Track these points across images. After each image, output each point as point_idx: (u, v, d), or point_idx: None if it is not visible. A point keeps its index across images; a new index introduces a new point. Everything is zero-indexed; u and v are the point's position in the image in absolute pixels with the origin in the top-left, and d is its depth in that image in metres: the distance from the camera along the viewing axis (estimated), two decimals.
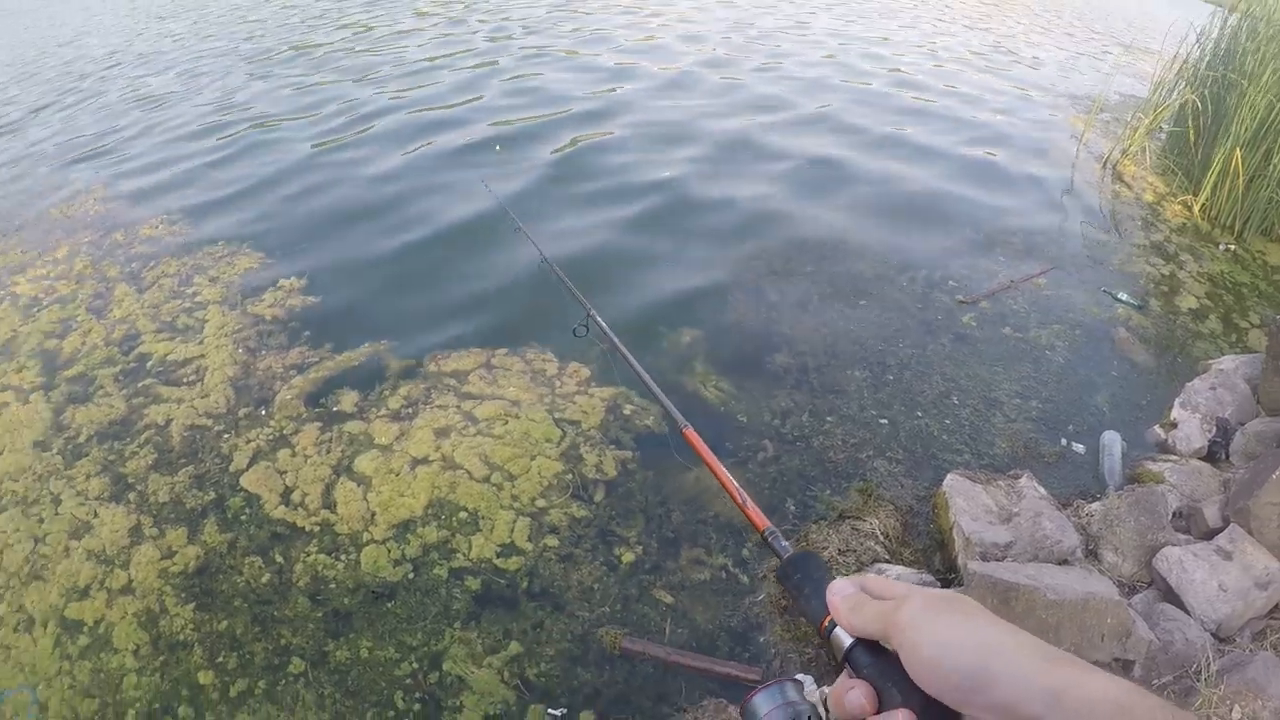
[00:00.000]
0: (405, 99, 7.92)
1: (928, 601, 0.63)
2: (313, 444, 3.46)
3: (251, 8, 14.62)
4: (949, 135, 7.32)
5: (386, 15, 12.51)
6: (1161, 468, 3.37)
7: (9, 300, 4.84)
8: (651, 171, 6.10)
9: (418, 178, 6.04)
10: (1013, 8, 17.59)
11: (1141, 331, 4.47)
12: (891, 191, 5.98)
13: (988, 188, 6.22)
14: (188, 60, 10.88)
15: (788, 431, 3.54)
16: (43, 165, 7.47)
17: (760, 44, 10.67)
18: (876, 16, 13.75)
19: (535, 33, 10.81)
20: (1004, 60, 11.41)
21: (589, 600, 2.77)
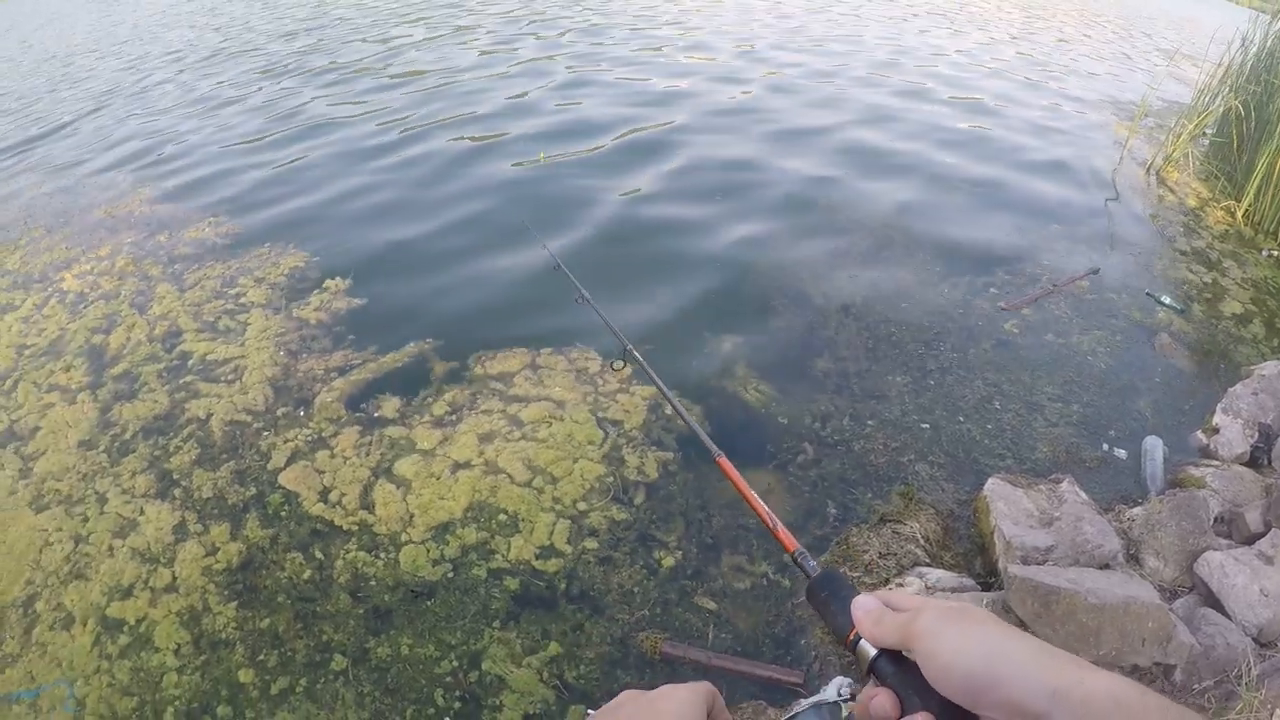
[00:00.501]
0: (453, 104, 8.03)
1: (942, 612, 0.67)
2: (352, 446, 3.48)
3: (304, 17, 14.82)
4: (991, 143, 7.31)
5: (435, 23, 12.66)
6: (1203, 473, 3.33)
7: (56, 296, 4.94)
8: (697, 175, 6.15)
9: (466, 183, 6.10)
10: (1056, 16, 17.46)
11: (1184, 336, 4.40)
12: (934, 198, 5.97)
13: (1031, 194, 6.19)
14: (239, 66, 11.08)
15: (829, 435, 3.52)
16: (92, 165, 7.65)
17: (811, 49, 10.74)
18: (921, 28, 13.71)
19: (587, 36, 10.92)
20: (1048, 67, 11.38)
21: (629, 604, 2.76)
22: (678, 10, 13.18)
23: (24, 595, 2.98)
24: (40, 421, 3.88)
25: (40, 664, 2.72)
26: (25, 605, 2.94)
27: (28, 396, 4.07)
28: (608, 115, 7.38)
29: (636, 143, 6.74)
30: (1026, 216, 5.75)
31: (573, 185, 5.88)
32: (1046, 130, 7.92)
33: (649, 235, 5.24)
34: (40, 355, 4.39)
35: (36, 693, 2.64)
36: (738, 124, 7.25)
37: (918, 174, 6.39)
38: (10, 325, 4.73)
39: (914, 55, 11.02)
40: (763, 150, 6.68)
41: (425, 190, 6.00)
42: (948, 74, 10.07)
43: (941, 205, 5.85)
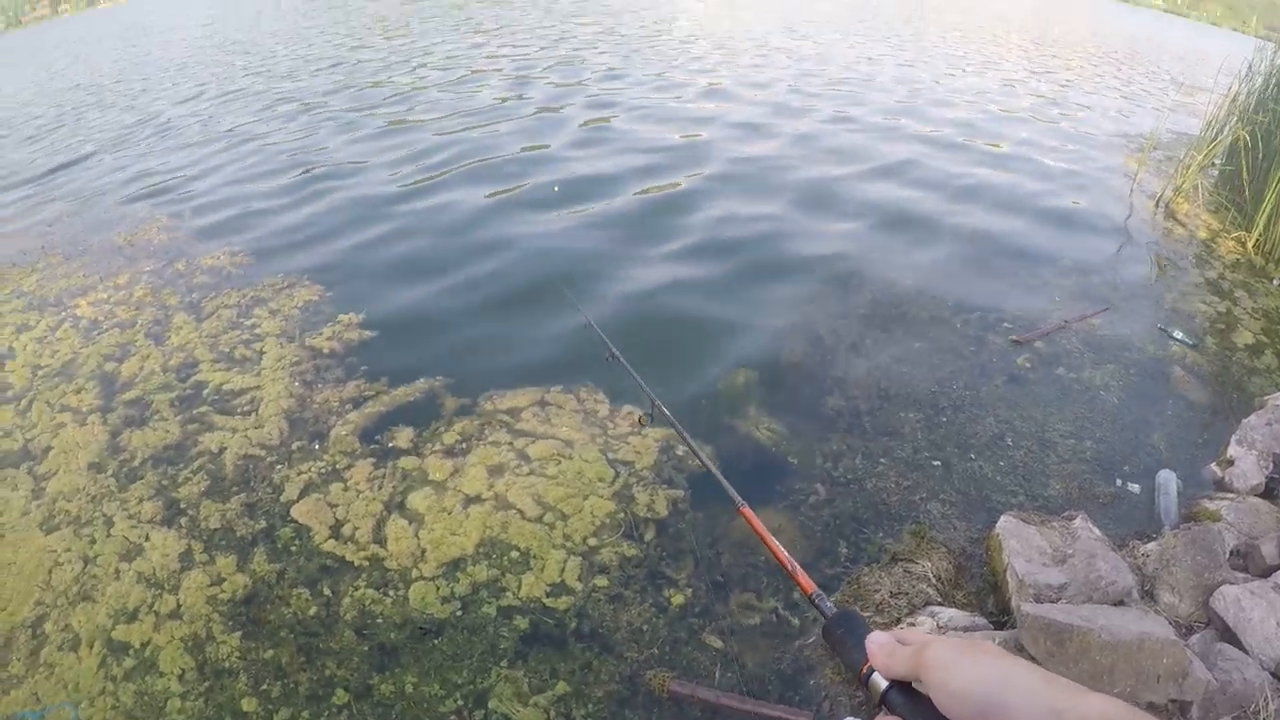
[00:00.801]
0: (470, 142, 8.17)
1: (952, 643, 0.72)
2: (365, 479, 3.49)
3: (324, 56, 15.05)
4: (1001, 178, 7.37)
5: (454, 62, 12.84)
6: (1219, 505, 3.30)
7: (70, 322, 4.98)
8: (708, 217, 6.18)
9: (481, 220, 6.17)
10: (1065, 52, 17.58)
11: (1197, 369, 4.38)
12: (944, 234, 6.00)
13: (1041, 229, 6.22)
14: (261, 103, 11.27)
15: (840, 474, 3.51)
16: (112, 193, 7.77)
17: (829, 90, 10.88)
18: (934, 62, 13.87)
19: (608, 79, 11.05)
20: (1057, 102, 11.51)
21: (638, 641, 2.74)
22: (694, 56, 13.35)
23: (33, 616, 2.98)
24: (52, 441, 3.90)
25: (46, 685, 2.71)
26: (34, 626, 2.94)
27: (41, 416, 4.09)
28: (624, 162, 7.44)
29: (652, 190, 6.78)
30: (1037, 252, 5.76)
31: (591, 234, 5.88)
32: (1056, 165, 7.96)
33: (663, 282, 5.24)
34: (54, 376, 4.41)
35: (41, 714, 2.63)
36: (753, 172, 7.29)
37: (928, 210, 6.44)
38: (25, 345, 4.76)
39: (926, 93, 11.16)
40: (777, 197, 6.71)
41: (439, 229, 6.07)
42: (959, 112, 10.21)
43: (953, 241, 5.87)
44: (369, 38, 17.02)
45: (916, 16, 22.31)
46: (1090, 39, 22.35)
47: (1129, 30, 28.03)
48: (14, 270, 5.95)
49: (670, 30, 16.27)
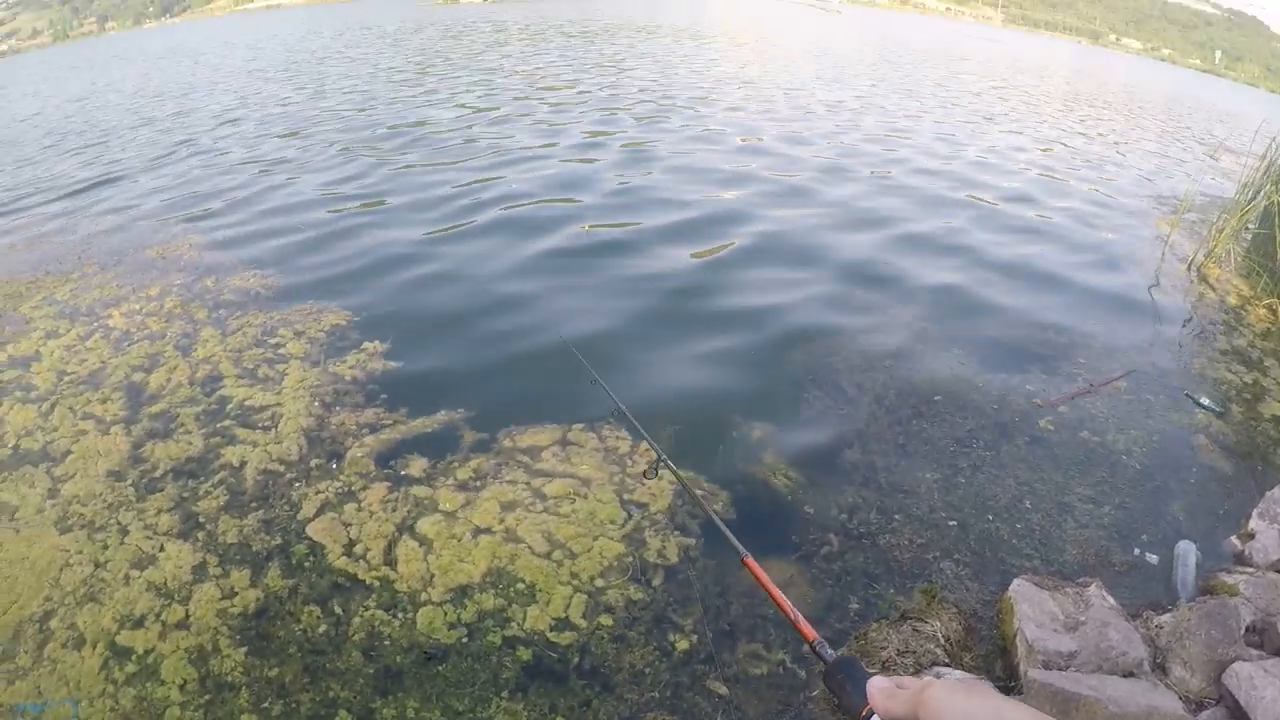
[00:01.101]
0: (506, 184, 8.32)
1: (948, 685, 0.75)
2: (379, 501, 3.51)
3: (366, 87, 15.42)
4: (1032, 238, 7.43)
5: (491, 100, 13.11)
6: (1236, 580, 3.23)
7: (101, 331, 5.07)
8: (733, 273, 6.22)
9: (512, 264, 6.25)
10: (1103, 107, 17.65)
11: (1222, 438, 4.32)
12: (972, 292, 6.02)
13: (1070, 289, 6.23)
14: (302, 128, 11.61)
15: (854, 527, 3.48)
16: (148, 209, 7.97)
17: (865, 149, 11.00)
18: (968, 120, 13.99)
19: (643, 126, 11.21)
20: (1089, 161, 11.57)
21: (639, 684, 2.72)
22: (731, 102, 13.53)
23: (41, 611, 3.00)
24: (72, 446, 3.96)
25: (49, 680, 2.73)
26: (41, 621, 2.96)
27: (63, 420, 4.15)
28: (660, 198, 7.59)
29: (682, 226, 6.87)
30: (1065, 312, 5.76)
31: (616, 267, 5.97)
32: (1087, 226, 7.98)
33: (685, 320, 5.31)
34: (79, 383, 4.49)
35: (41, 708, 2.64)
36: (782, 232, 7.32)
37: (956, 268, 6.47)
38: (53, 351, 4.85)
39: (960, 152, 11.24)
40: (806, 239, 6.77)
41: (469, 266, 6.15)
42: (991, 172, 10.24)
43: (980, 299, 5.89)
44: (411, 70, 17.39)
45: (950, 74, 22.50)
46: (1127, 98, 22.42)
47: (1166, 89, 28.14)
48: (48, 278, 6.09)
49: (707, 80, 16.48)
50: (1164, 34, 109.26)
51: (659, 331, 5.13)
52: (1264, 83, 36.92)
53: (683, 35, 27.65)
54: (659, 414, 4.14)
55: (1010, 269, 6.56)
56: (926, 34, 47.75)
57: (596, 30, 28.80)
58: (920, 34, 47.05)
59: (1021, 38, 70.85)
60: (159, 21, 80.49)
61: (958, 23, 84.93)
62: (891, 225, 7.48)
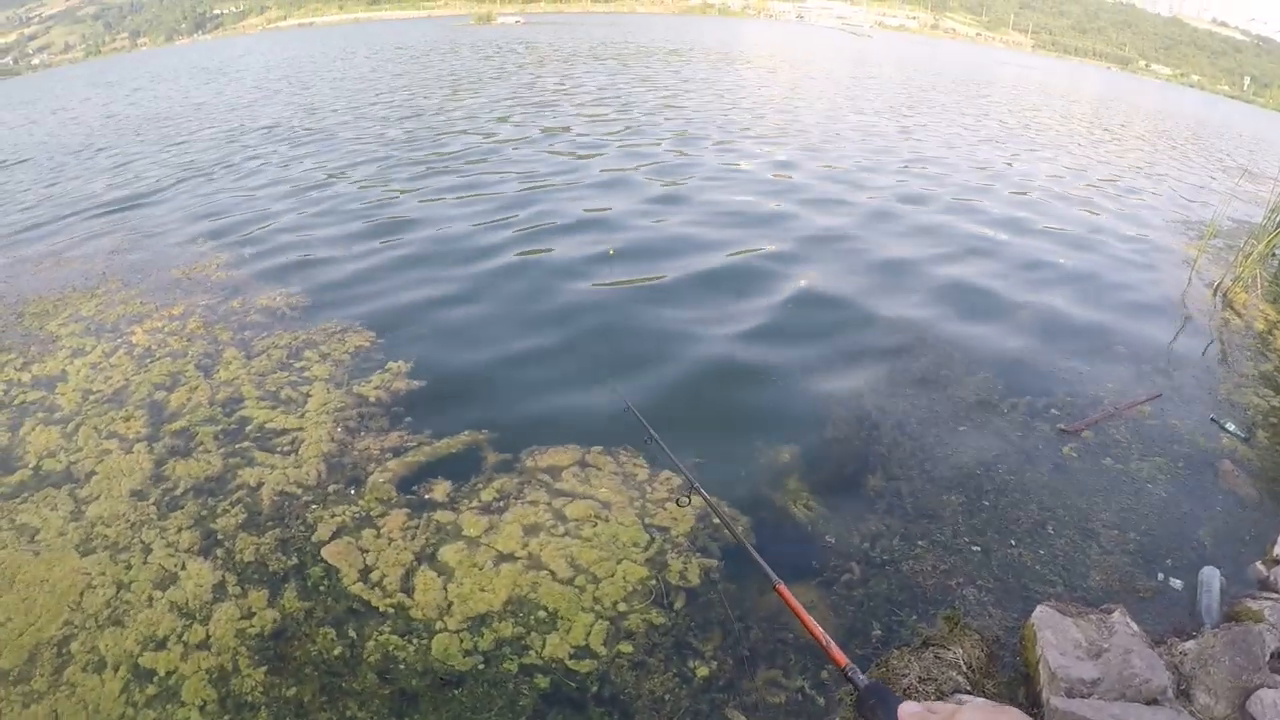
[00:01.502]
0: (535, 203, 8.42)
1: (980, 708, 0.77)
2: (399, 528, 3.51)
3: (397, 108, 15.60)
4: (1056, 264, 7.41)
5: (526, 121, 13.24)
6: (1262, 606, 3.17)
7: (125, 349, 5.12)
8: (762, 291, 6.24)
9: (540, 281, 6.31)
10: (1133, 133, 17.61)
11: (1247, 464, 4.26)
12: (996, 318, 6.00)
13: (1096, 315, 6.19)
14: (331, 150, 11.74)
15: (877, 554, 3.45)
16: (174, 226, 8.06)
17: (896, 162, 11.12)
18: (999, 143, 14.05)
19: (675, 147, 11.33)
20: (1116, 186, 11.51)
21: (658, 711, 2.70)
22: (761, 130, 13.61)
23: (60, 635, 3.01)
24: (96, 467, 3.99)
25: (67, 705, 2.73)
26: (60, 645, 2.97)
27: (87, 441, 4.19)
28: (684, 233, 7.59)
29: (709, 260, 6.87)
30: (1090, 338, 5.72)
31: (643, 309, 5.92)
32: (1113, 251, 7.94)
33: (709, 348, 5.29)
34: (104, 402, 4.53)
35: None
36: (815, 248, 7.38)
37: (979, 292, 6.44)
38: (79, 369, 4.90)
39: (984, 174, 11.26)
40: (838, 275, 6.77)
41: (496, 284, 6.20)
42: (1011, 192, 10.22)
43: (1003, 324, 5.86)
44: (445, 93, 17.58)
45: (979, 97, 22.51)
46: (1155, 123, 22.35)
47: (1195, 114, 28.01)
48: (75, 294, 6.17)
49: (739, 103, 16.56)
50: (1193, 60, 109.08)
51: (682, 361, 5.11)
52: None
53: (721, 61, 27.79)
54: (683, 433, 4.13)
55: (1035, 293, 6.53)
56: (960, 59, 47.89)
57: (629, 53, 29.05)
58: (953, 59, 47.18)
59: (1052, 64, 70.86)
60: (191, 39, 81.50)
61: (989, 48, 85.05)
62: (919, 242, 7.47)
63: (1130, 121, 21.40)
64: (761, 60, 30.56)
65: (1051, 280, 6.88)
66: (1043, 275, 7.00)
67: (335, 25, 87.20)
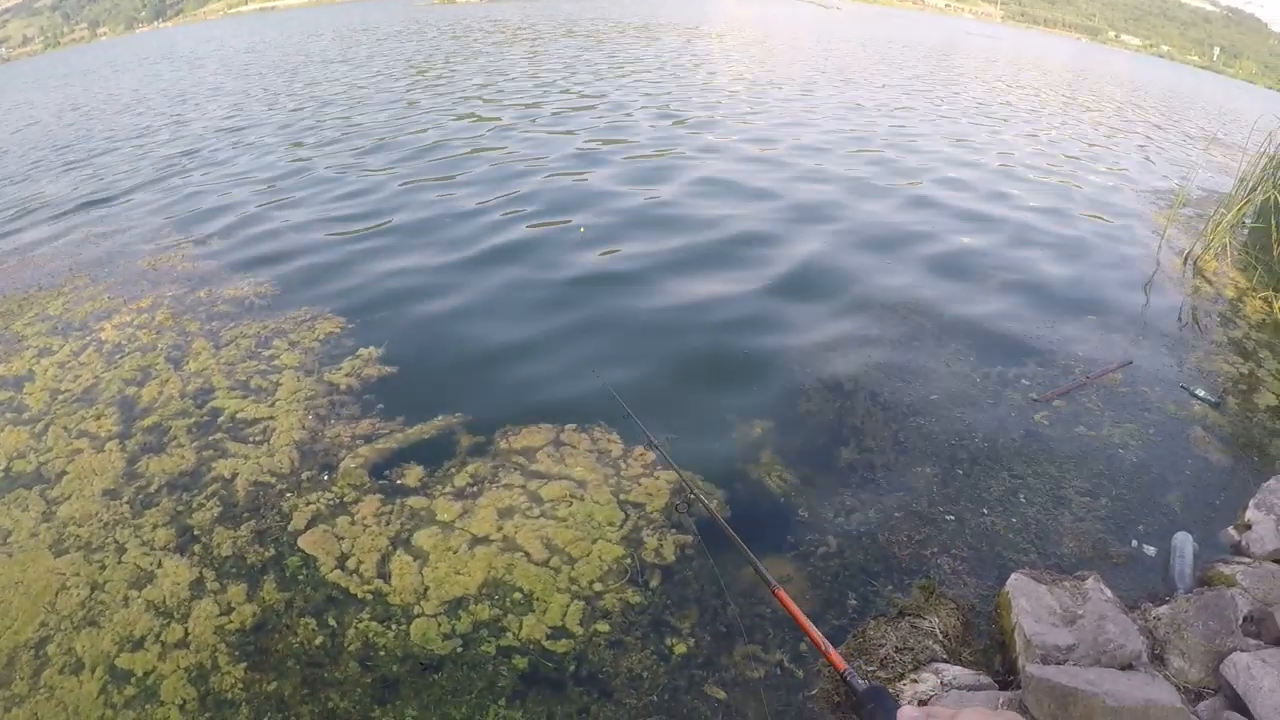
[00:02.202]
0: (507, 180, 8.44)
1: (980, 713, 0.74)
2: (373, 514, 3.50)
3: (368, 95, 15.37)
4: (1026, 233, 7.44)
5: (497, 103, 13.09)
6: (1234, 570, 3.22)
7: (94, 346, 5.06)
8: (735, 261, 6.24)
9: (511, 262, 6.27)
10: (1101, 102, 17.69)
11: (1218, 430, 4.32)
12: (966, 287, 6.02)
13: (1066, 284, 6.24)
14: (294, 138, 11.52)
15: (852, 526, 3.47)
16: (142, 219, 7.92)
17: (872, 136, 11.14)
18: (964, 119, 14.08)
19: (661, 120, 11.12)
20: (1086, 157, 11.53)
21: (637, 689, 2.71)
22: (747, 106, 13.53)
23: (37, 637, 2.99)
24: (67, 467, 3.94)
25: (47, 707, 2.71)
26: (37, 647, 2.95)
27: (57, 440, 4.14)
28: (652, 209, 7.59)
29: (682, 241, 6.85)
30: (1061, 306, 5.76)
31: (615, 287, 5.88)
32: (1083, 220, 7.99)
33: (681, 323, 5.30)
34: (73, 401, 4.48)
35: None
36: (781, 221, 7.39)
37: (951, 263, 6.47)
38: (47, 369, 4.83)
39: (953, 145, 11.27)
40: (790, 229, 6.78)
41: (468, 272, 6.13)
42: (980, 163, 10.24)
43: (974, 295, 5.88)
44: (412, 76, 17.38)
45: (948, 70, 22.56)
46: (1126, 93, 22.47)
47: (1165, 85, 28.19)
48: (41, 293, 6.08)
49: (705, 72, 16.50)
50: (1163, 31, 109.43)
51: (655, 337, 5.11)
52: (1261, 79, 37.07)
53: (699, 35, 27.64)
54: (657, 409, 4.15)
55: (1005, 263, 6.56)
56: (930, 31, 47.78)
57: (601, 30, 28.81)
58: (924, 31, 47.07)
59: (1021, 35, 70.98)
60: (151, 26, 79.82)
61: (958, 19, 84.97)
62: (878, 225, 7.47)
63: (1100, 92, 21.50)
64: (732, 35, 30.42)
65: (1021, 250, 6.91)
66: (1012, 245, 7.04)
67: (298, 8, 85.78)
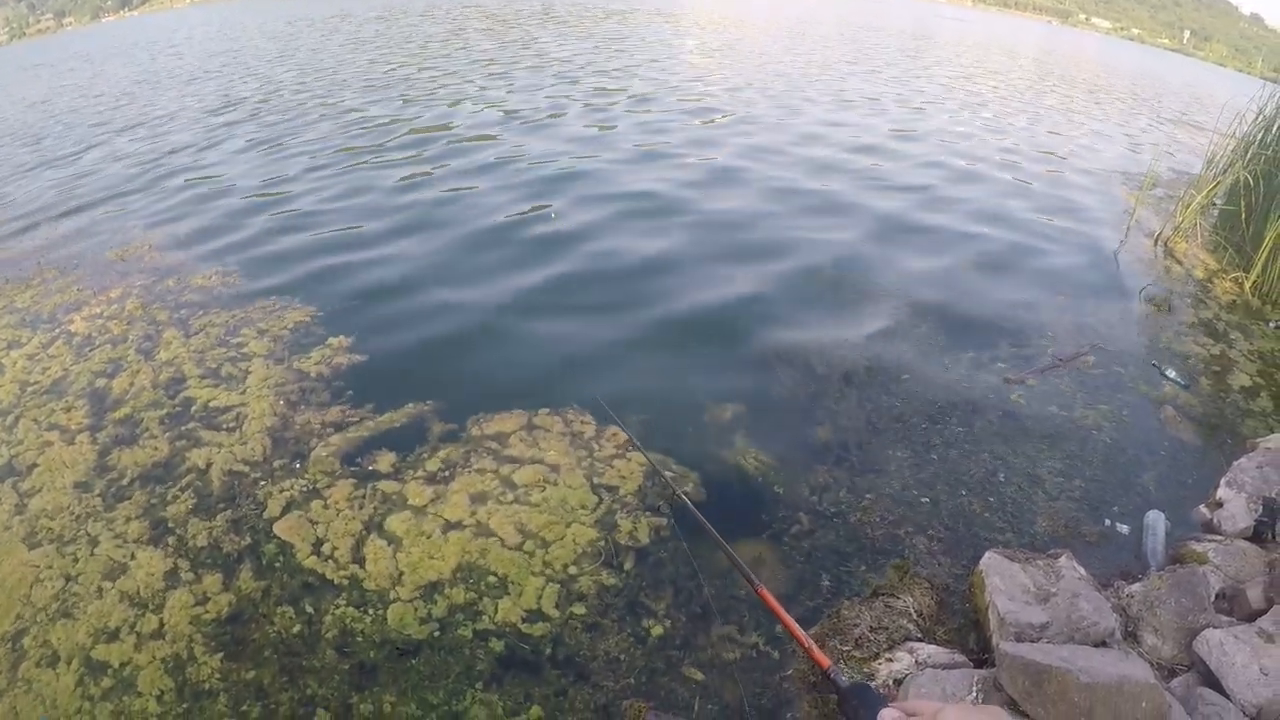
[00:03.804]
0: (479, 166, 8.37)
1: (962, 711, 0.75)
2: (345, 499, 3.49)
3: (336, 78, 15.14)
4: (998, 214, 7.47)
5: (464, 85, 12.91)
6: (1206, 548, 3.27)
7: (64, 338, 4.99)
8: (707, 238, 6.26)
9: (483, 249, 6.22)
10: (1071, 84, 17.78)
11: (1189, 410, 4.37)
12: (938, 270, 6.04)
13: (1038, 266, 6.27)
14: (261, 125, 11.35)
15: (825, 506, 3.49)
16: (111, 212, 7.80)
17: (852, 116, 11.22)
18: (930, 100, 14.08)
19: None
20: (1056, 138, 11.59)
21: (614, 671, 2.72)
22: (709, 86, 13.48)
23: (13, 630, 2.97)
24: (38, 459, 3.91)
25: (25, 700, 2.70)
26: (14, 640, 2.93)
27: (27, 433, 4.10)
28: (623, 187, 7.58)
29: (649, 207, 6.87)
30: (1033, 288, 5.79)
31: (585, 268, 5.87)
32: (1053, 201, 8.04)
33: (652, 298, 5.31)
34: (43, 393, 4.43)
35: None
36: (743, 189, 7.43)
37: (921, 245, 6.48)
38: (15, 361, 4.78)
39: (921, 125, 11.27)
40: (768, 213, 6.81)
41: (440, 260, 6.08)
42: (954, 143, 10.26)
43: (947, 277, 5.91)
44: (380, 61, 17.20)
45: (920, 53, 22.61)
46: (1096, 75, 22.60)
47: (1135, 68, 28.37)
48: (9, 287, 6.00)
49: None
50: (1133, 14, 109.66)
51: (623, 315, 5.12)
52: (1231, 62, 37.39)
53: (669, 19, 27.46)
54: (628, 397, 4.16)
55: (976, 244, 6.60)
56: (902, 15, 47.71)
57: (576, 15, 28.59)
58: (897, 15, 47.00)
59: (992, 17, 71.12)
60: (118, 15, 78.25)
61: (931, 3, 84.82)
62: (850, 208, 7.48)
63: (1072, 74, 21.62)
64: (707, 19, 30.31)
65: (992, 231, 6.94)
66: (984, 225, 7.06)
67: None
